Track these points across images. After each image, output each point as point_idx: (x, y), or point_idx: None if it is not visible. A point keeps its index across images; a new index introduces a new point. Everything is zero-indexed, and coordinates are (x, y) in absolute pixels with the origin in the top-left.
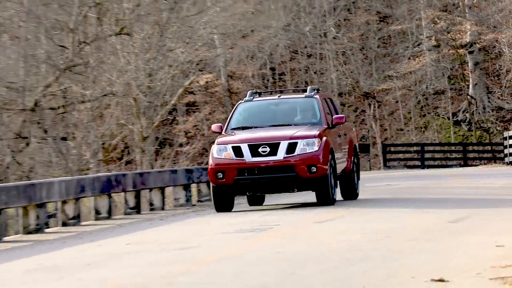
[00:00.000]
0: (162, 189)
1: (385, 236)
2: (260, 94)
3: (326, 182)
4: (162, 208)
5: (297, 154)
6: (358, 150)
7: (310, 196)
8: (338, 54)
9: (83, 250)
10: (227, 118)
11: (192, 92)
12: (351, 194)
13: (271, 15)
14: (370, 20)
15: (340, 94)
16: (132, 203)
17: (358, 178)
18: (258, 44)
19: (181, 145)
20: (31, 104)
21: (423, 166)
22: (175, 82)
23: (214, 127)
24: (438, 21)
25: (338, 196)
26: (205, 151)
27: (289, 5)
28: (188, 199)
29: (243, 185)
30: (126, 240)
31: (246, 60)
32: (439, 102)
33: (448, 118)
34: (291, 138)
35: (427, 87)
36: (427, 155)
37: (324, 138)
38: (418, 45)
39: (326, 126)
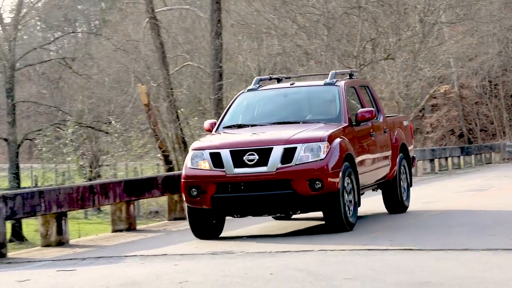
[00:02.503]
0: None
1: None
2: (278, 80)
3: (337, 201)
4: (415, 175)
5: (295, 164)
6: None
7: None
8: None
9: None
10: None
11: (435, 97)
12: (396, 206)
13: (489, 45)
14: None
15: None
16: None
17: (410, 185)
18: (480, 64)
19: (427, 132)
20: None
21: None
22: (423, 90)
23: (206, 124)
24: None
25: (382, 208)
26: (444, 137)
27: (501, 38)
28: (432, 169)
29: (224, 205)
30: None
31: (472, 75)
32: None
33: None
34: (287, 142)
35: None
36: None
37: (337, 141)
38: None
39: (345, 124)
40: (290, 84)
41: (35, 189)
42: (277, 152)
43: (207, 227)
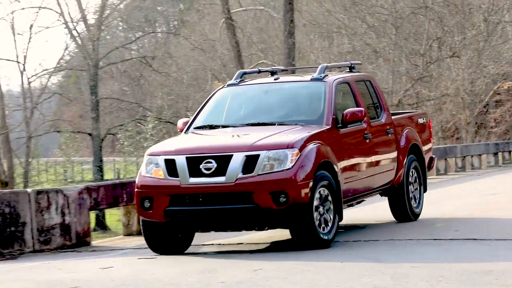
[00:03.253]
0: (479, 156)
1: None
2: (272, 73)
3: (305, 216)
4: (480, 168)
5: (258, 175)
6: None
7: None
8: None
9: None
10: None
11: (498, 93)
12: (404, 214)
13: None
14: None
15: None
16: (460, 164)
17: (424, 190)
18: None
19: (491, 127)
20: (396, 101)
21: None
22: (487, 87)
23: (180, 123)
24: None
25: (390, 216)
26: (507, 131)
27: None
28: (496, 162)
29: (179, 219)
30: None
31: None
32: None
33: None
34: (250, 148)
35: None
36: None
37: (311, 147)
38: None
39: (327, 127)
40: (274, 79)
41: (117, 181)
42: (237, 160)
43: (166, 242)
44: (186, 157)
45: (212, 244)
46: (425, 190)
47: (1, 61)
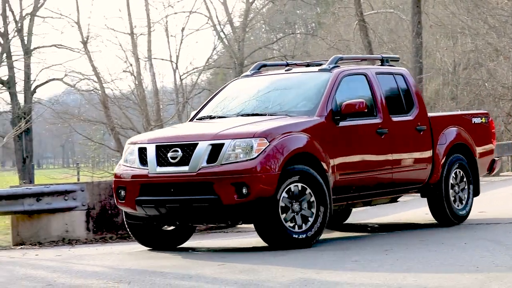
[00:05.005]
0: None
1: None
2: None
3: (268, 211)
4: None
5: (220, 164)
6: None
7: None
8: None
9: None
10: None
11: None
12: (443, 215)
13: None
14: None
15: None
16: None
17: (475, 193)
18: None
19: None
20: None
21: None
22: None
23: (192, 114)
24: None
25: (430, 217)
26: None
27: None
28: None
29: (148, 210)
30: None
31: None
32: None
33: None
34: (215, 137)
35: None
36: None
37: (283, 138)
38: None
39: (318, 118)
40: (286, 70)
41: None
42: (201, 149)
43: (146, 235)
44: (156, 146)
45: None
46: (476, 193)
47: (157, 61)
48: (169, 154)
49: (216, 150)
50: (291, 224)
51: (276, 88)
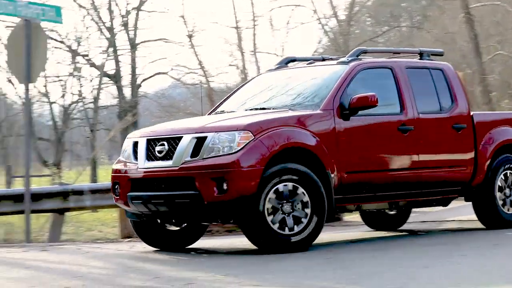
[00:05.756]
0: None
1: None
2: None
3: (249, 209)
4: None
5: (202, 158)
6: None
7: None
8: None
9: None
10: None
11: None
12: (488, 218)
13: None
14: None
15: None
16: None
17: None
18: None
19: None
20: None
21: None
22: None
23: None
24: None
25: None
26: None
27: None
28: None
29: (138, 207)
30: None
31: None
32: None
33: None
34: (198, 130)
35: None
36: None
37: (271, 132)
38: None
39: (321, 112)
40: (307, 64)
41: None
42: (185, 143)
43: (148, 233)
44: (146, 140)
45: (453, 220)
46: None
47: (261, 54)
48: (156, 148)
49: (200, 143)
50: (279, 226)
51: (290, 82)
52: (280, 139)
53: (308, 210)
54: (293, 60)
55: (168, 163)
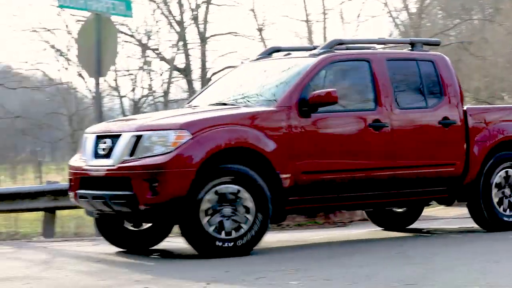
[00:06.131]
0: None
1: None
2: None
3: (184, 212)
4: None
5: (138, 158)
6: None
7: None
8: None
9: None
10: None
11: None
12: (482, 219)
13: None
14: None
15: None
16: None
17: None
18: None
19: None
20: None
21: None
22: None
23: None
24: None
25: (471, 222)
26: None
27: None
28: None
29: (85, 205)
30: None
31: None
32: None
33: None
34: (138, 128)
35: None
36: None
37: (210, 131)
38: None
39: (275, 109)
40: (285, 55)
41: None
42: (124, 141)
43: (109, 230)
44: (95, 136)
45: None
46: None
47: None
48: (100, 145)
49: (137, 142)
50: (216, 229)
51: (262, 75)
52: (220, 138)
53: (250, 215)
54: (278, 50)
55: (109, 161)
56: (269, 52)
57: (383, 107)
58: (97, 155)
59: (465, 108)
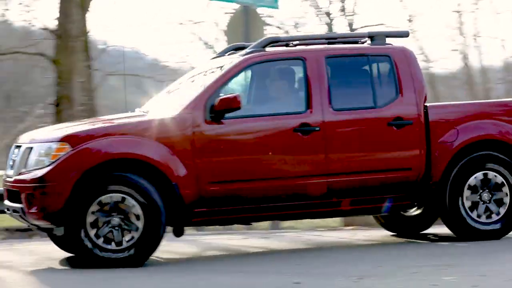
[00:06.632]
0: None
1: None
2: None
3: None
4: None
5: (27, 171)
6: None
7: None
8: None
9: None
10: None
11: None
12: (455, 226)
13: None
14: None
15: None
16: None
17: None
18: None
19: None
20: None
21: None
22: None
23: None
24: None
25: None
26: None
27: None
28: None
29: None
30: None
31: None
32: None
33: None
34: (31, 140)
35: None
36: None
37: (90, 143)
38: None
39: (176, 116)
40: (228, 54)
41: None
42: (21, 153)
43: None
44: (14, 146)
45: None
46: None
47: (484, 38)
48: (12, 156)
49: (29, 154)
50: (106, 241)
51: (195, 77)
52: (104, 150)
53: (140, 220)
54: (242, 47)
55: (12, 172)
56: (232, 49)
57: (314, 110)
58: (12, 166)
59: (427, 106)
